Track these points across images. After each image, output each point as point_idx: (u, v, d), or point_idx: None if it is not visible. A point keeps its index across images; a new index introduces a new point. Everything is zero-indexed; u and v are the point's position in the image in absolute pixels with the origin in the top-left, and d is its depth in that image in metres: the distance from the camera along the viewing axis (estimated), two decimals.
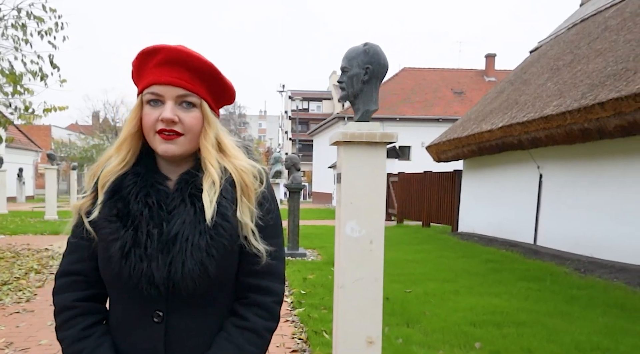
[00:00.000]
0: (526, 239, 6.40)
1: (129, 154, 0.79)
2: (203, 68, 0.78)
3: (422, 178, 10.40)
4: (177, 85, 0.76)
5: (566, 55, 6.40)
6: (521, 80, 7.17)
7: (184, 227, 0.75)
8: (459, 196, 8.61)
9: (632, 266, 4.48)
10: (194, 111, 0.78)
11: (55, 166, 12.17)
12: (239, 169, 0.82)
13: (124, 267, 0.73)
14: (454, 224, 8.83)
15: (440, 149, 8.34)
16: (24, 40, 6.14)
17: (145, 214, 0.75)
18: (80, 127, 30.58)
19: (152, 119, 0.77)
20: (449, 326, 3.18)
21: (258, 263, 0.80)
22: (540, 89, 6.09)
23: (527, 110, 5.81)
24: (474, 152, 7.33)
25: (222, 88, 0.82)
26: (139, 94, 0.79)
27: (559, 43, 7.28)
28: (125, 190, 0.77)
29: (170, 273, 0.73)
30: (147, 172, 0.79)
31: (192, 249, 0.74)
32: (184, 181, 0.79)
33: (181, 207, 0.77)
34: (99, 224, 0.77)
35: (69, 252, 0.83)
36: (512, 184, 6.78)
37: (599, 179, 5.11)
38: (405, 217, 11.35)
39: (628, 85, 4.17)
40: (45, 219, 11.48)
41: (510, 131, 5.97)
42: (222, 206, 0.77)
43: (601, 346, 2.74)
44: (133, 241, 0.74)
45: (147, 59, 0.78)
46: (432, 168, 10.37)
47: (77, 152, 25.55)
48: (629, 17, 5.64)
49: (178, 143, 0.77)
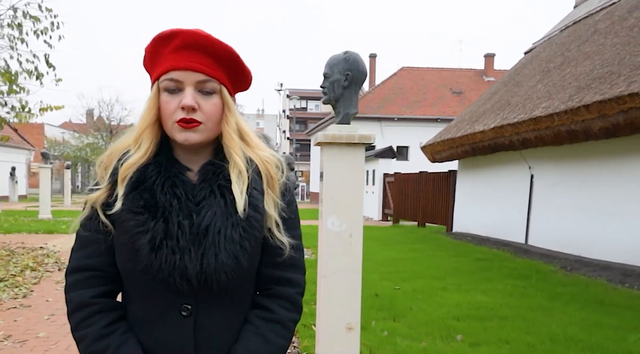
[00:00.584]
0: (518, 238, 6.61)
1: (151, 145, 0.77)
2: (223, 53, 0.76)
3: (417, 178, 10.61)
4: (196, 71, 0.74)
5: (557, 58, 6.61)
6: (514, 82, 7.38)
7: (215, 219, 0.74)
8: (453, 196, 8.81)
9: (616, 265, 4.69)
10: (213, 97, 0.76)
11: (49, 165, 12.31)
12: (264, 160, 0.81)
13: (155, 260, 0.71)
14: (448, 224, 9.03)
15: (435, 150, 8.54)
16: (19, 39, 6.31)
17: (174, 205, 0.73)
18: (74, 126, 30.63)
19: (171, 108, 0.74)
20: (433, 320, 3.38)
21: (281, 255, 0.80)
22: (531, 90, 6.30)
23: (518, 111, 6.01)
24: (467, 153, 7.54)
25: (241, 74, 0.80)
26: (154, 81, 0.77)
27: (551, 45, 7.49)
28: (150, 181, 0.75)
29: (203, 265, 0.72)
30: (169, 163, 0.78)
31: (226, 241, 0.73)
32: (210, 171, 0.78)
33: (210, 198, 0.75)
34: (122, 216, 0.74)
35: (80, 247, 0.79)
36: (504, 184, 6.98)
37: (586, 179, 5.32)
38: (401, 217, 11.55)
39: (611, 88, 4.37)
40: (39, 219, 11.61)
41: (502, 132, 6.17)
42: (254, 198, 0.77)
43: (574, 337, 2.94)
44: (164, 233, 0.72)
45: (163, 44, 0.76)
46: (430, 168, 10.58)
47: (71, 151, 25.59)
48: (617, 20, 5.85)
49: (198, 131, 0.75)
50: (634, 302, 3.68)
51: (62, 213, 13.30)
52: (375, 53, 25.64)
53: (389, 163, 12.85)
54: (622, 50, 4.89)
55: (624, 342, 2.86)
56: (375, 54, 25.60)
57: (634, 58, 4.51)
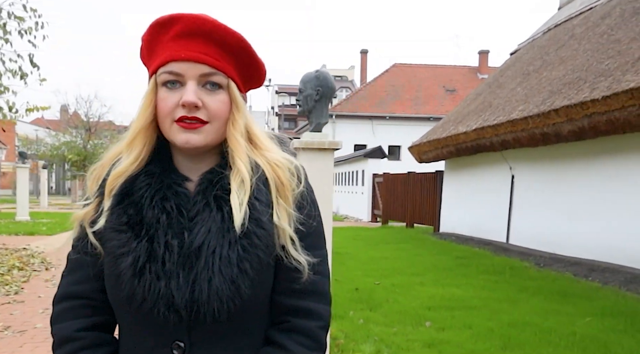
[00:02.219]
0: (499, 238, 7.15)
1: (144, 150, 0.70)
2: (231, 41, 0.69)
3: (406, 179, 11.13)
4: (200, 62, 0.67)
5: (536, 61, 7.17)
6: (497, 84, 7.94)
7: (209, 237, 0.66)
8: (440, 197, 9.35)
9: (585, 260, 5.23)
10: (220, 93, 0.69)
11: (27, 164, 12.53)
12: (273, 163, 0.73)
13: (137, 287, 0.64)
14: (435, 225, 9.56)
15: (421, 150, 9.06)
16: (4, 39, 6.65)
17: (162, 221, 0.67)
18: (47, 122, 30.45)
19: (170, 105, 0.67)
20: (406, 310, 3.86)
21: (299, 280, 0.71)
22: (511, 93, 6.85)
23: (497, 113, 6.55)
24: (452, 153, 8.07)
25: (253, 66, 0.73)
26: (152, 74, 0.70)
27: (533, 48, 8.07)
28: (138, 193, 0.69)
29: (194, 293, 0.64)
30: (163, 172, 0.71)
31: (221, 263, 0.65)
32: (207, 180, 0.70)
33: (205, 212, 0.68)
34: (105, 235, 0.68)
35: (69, 272, 0.74)
36: (487, 184, 7.53)
37: (559, 180, 5.87)
38: (390, 218, 12.06)
39: (577, 93, 4.91)
40: (17, 220, 11.83)
41: (483, 134, 6.71)
42: (256, 210, 0.68)
43: (530, 322, 3.44)
44: (148, 254, 0.65)
45: (161, 30, 0.69)
46: (419, 169, 11.10)
47: (47, 149, 25.51)
48: (591, 26, 6.43)
49: (202, 132, 0.68)
50: (592, 293, 4.21)
51: (39, 215, 13.53)
52: (367, 49, 26.22)
53: (378, 163, 13.35)
54: (591, 57, 5.45)
55: (572, 325, 3.37)
56: (367, 49, 26.17)
57: (599, 65, 5.06)
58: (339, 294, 4.27)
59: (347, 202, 15.60)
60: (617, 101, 4.29)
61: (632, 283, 4.31)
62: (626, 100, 4.19)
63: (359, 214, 14.28)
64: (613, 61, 4.85)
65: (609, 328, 3.30)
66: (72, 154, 24.29)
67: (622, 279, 4.44)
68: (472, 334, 3.24)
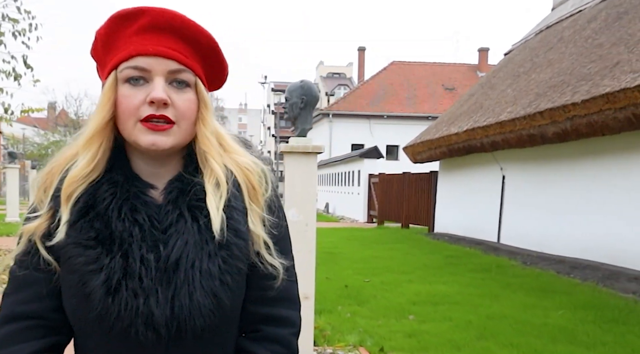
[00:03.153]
0: (491, 237, 7.50)
1: (99, 152, 0.67)
2: (201, 39, 0.68)
3: (401, 179, 11.48)
4: (168, 57, 0.65)
5: (527, 63, 7.53)
6: (489, 85, 8.30)
7: (187, 250, 0.65)
8: (435, 197, 9.69)
9: (569, 259, 5.58)
10: (187, 91, 0.68)
11: (17, 165, 12.79)
12: (244, 167, 0.73)
13: (112, 306, 0.63)
14: (430, 225, 9.91)
15: (415, 151, 9.41)
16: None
17: (135, 234, 0.65)
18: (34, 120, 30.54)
19: (135, 102, 0.65)
20: (392, 305, 4.19)
21: (272, 287, 0.72)
22: (501, 94, 7.20)
23: (487, 115, 6.90)
24: (444, 154, 8.42)
25: (218, 67, 0.72)
26: (111, 70, 0.67)
27: (525, 49, 8.43)
28: (102, 204, 0.66)
29: (174, 309, 0.64)
30: (126, 180, 0.69)
31: (202, 277, 0.65)
32: (177, 189, 0.69)
33: (180, 223, 0.67)
34: (68, 251, 0.65)
35: (15, 289, 0.69)
36: (479, 185, 7.88)
37: (546, 180, 6.22)
38: (385, 218, 12.41)
39: (560, 97, 5.26)
40: (7, 222, 12.10)
41: (474, 134, 7.06)
42: (233, 219, 0.68)
43: (508, 315, 3.78)
44: (123, 271, 0.64)
45: (123, 24, 0.67)
46: (419, 169, 11.43)
47: (35, 149, 25.69)
48: (578, 29, 6.79)
49: (169, 134, 0.66)
50: (571, 289, 4.56)
51: None
52: (364, 46, 26.52)
53: (374, 163, 13.70)
54: (575, 61, 5.80)
55: (546, 317, 3.71)
56: (364, 47, 26.48)
57: (582, 69, 5.41)
58: (329, 291, 4.60)
59: (343, 203, 15.94)
60: (595, 105, 4.64)
61: (609, 279, 4.65)
62: (603, 104, 4.54)
63: (355, 215, 14.61)
64: (594, 65, 5.20)
65: (579, 319, 3.64)
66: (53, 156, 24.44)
67: (600, 275, 4.79)
68: (451, 326, 3.57)
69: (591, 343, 3.14)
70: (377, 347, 3.12)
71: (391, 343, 3.23)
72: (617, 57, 4.90)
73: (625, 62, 4.66)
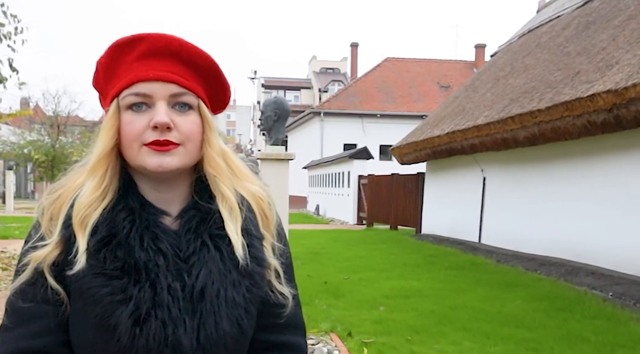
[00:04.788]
0: (473, 237, 8.17)
1: (106, 178, 0.71)
2: (200, 61, 0.73)
3: (390, 180, 12.13)
4: (169, 81, 0.70)
5: (507, 67, 8.21)
6: (473, 88, 8.97)
7: (212, 279, 0.69)
8: (422, 199, 10.35)
9: (539, 256, 6.25)
10: (190, 114, 0.72)
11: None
12: (257, 196, 0.78)
13: (140, 337, 0.65)
14: (417, 227, 10.57)
15: (402, 152, 10.07)
16: None
17: (161, 264, 0.68)
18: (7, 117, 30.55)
19: (138, 128, 0.69)
20: (367, 298, 4.82)
21: (281, 314, 0.77)
22: (481, 98, 7.87)
23: (467, 118, 7.57)
24: (429, 156, 9.08)
25: (220, 88, 0.77)
26: (113, 98, 0.71)
27: (507, 52, 9.12)
28: (122, 233, 0.69)
29: (200, 339, 0.67)
30: (142, 207, 0.71)
31: (227, 306, 0.69)
32: (195, 216, 0.73)
33: (202, 252, 0.71)
34: (87, 281, 0.66)
35: (19, 323, 0.69)
36: (461, 186, 8.54)
37: (521, 182, 6.89)
38: (375, 220, 13.05)
39: (529, 103, 5.93)
40: None
41: (454, 137, 7.72)
42: (254, 248, 0.73)
43: (469, 306, 4.42)
44: (152, 301, 0.66)
45: (123, 52, 0.71)
46: (412, 170, 12.04)
47: (11, 149, 25.89)
48: (554, 36, 7.47)
49: (176, 154, 0.69)
50: (533, 283, 5.22)
51: (7, 219, 14.25)
52: (357, 42, 27.19)
53: (364, 164, 14.32)
54: (546, 68, 6.48)
55: (503, 307, 4.36)
56: (357, 43, 27.12)
57: (549, 76, 6.08)
58: (310, 287, 5.21)
59: (333, 205, 16.55)
60: (556, 112, 5.30)
61: (570, 274, 5.32)
62: (563, 111, 5.20)
63: (344, 217, 15.23)
64: (560, 74, 5.87)
65: (531, 308, 4.29)
66: (39, 153, 24.80)
67: (563, 271, 5.45)
68: (415, 315, 4.20)
69: (534, 327, 3.78)
70: (345, 332, 3.73)
71: (359, 328, 3.84)
72: (579, 66, 5.57)
73: (584, 72, 5.33)
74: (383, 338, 3.60)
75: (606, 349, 3.26)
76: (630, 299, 4.32)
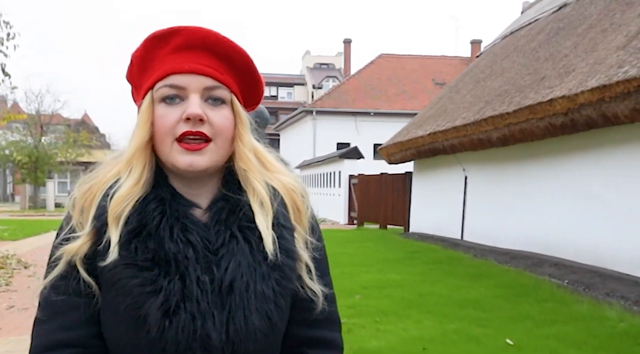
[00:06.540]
0: (455, 235, 8.88)
1: (145, 171, 0.75)
2: (235, 56, 0.77)
3: (379, 180, 12.84)
4: (204, 74, 0.74)
5: (487, 69, 8.93)
6: (456, 89, 9.69)
7: (240, 272, 0.72)
8: (410, 197, 11.06)
9: (513, 251, 6.97)
10: (223, 108, 0.75)
11: None
12: (289, 188, 0.82)
13: (169, 329, 0.69)
14: (406, 225, 11.27)
15: (389, 152, 10.77)
16: None
17: (190, 256, 0.72)
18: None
19: (172, 121, 0.72)
20: (345, 289, 5.50)
21: (314, 309, 0.80)
22: (462, 99, 8.59)
23: (447, 119, 8.28)
24: (415, 156, 9.79)
25: (254, 84, 0.81)
26: (147, 91, 0.75)
27: (490, 54, 9.85)
28: (152, 223, 0.72)
29: (229, 332, 0.71)
30: (173, 198, 0.75)
31: (256, 299, 0.72)
32: (224, 208, 0.77)
33: (232, 244, 0.74)
34: (118, 272, 0.71)
35: (52, 316, 0.74)
36: (445, 185, 9.26)
37: (500, 180, 7.61)
38: (365, 220, 13.76)
39: (500, 106, 6.64)
40: None
41: (436, 138, 8.42)
42: (284, 239, 0.77)
43: (437, 293, 5.12)
44: (182, 293, 0.70)
45: (159, 44, 0.75)
46: (398, 169, 12.73)
47: None
48: (529, 40, 8.19)
49: (206, 153, 0.73)
50: (500, 274, 5.93)
51: None
52: (350, 38, 27.77)
53: (354, 164, 15.03)
54: (518, 72, 7.19)
55: (467, 294, 5.06)
56: (350, 39, 27.72)
57: (520, 80, 6.80)
58: None
59: (325, 205, 17.24)
60: (522, 115, 6.01)
61: (536, 265, 6.03)
62: (528, 114, 5.91)
63: (336, 217, 15.93)
64: (529, 78, 6.59)
65: (492, 294, 4.99)
66: (21, 155, 25.22)
67: (530, 263, 6.17)
68: (387, 301, 4.90)
69: (490, 309, 4.49)
70: None
71: None
72: (545, 72, 6.29)
73: (548, 77, 6.05)
74: (354, 319, 4.28)
75: (545, 325, 3.96)
76: (581, 285, 5.03)
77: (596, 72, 4.93)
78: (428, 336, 3.77)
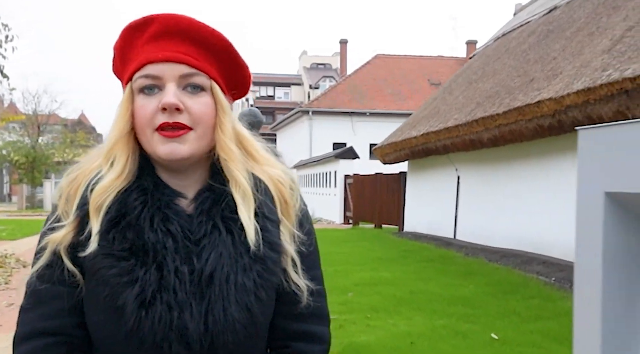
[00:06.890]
0: (448, 234, 9.02)
1: (128, 162, 0.74)
2: (212, 40, 0.75)
3: (374, 180, 12.98)
4: (179, 62, 0.72)
5: (479, 70, 9.08)
6: (449, 90, 9.83)
7: (221, 263, 0.72)
8: (404, 197, 11.20)
9: (504, 250, 7.11)
10: (202, 95, 0.74)
11: None
12: (276, 180, 0.80)
13: (144, 320, 0.69)
14: (400, 225, 11.42)
15: (384, 152, 10.91)
16: None
17: (169, 246, 0.71)
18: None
19: (149, 111, 0.72)
20: (338, 286, 5.63)
21: (299, 302, 0.80)
22: (455, 100, 8.73)
23: (440, 120, 8.42)
24: (408, 156, 9.93)
25: (236, 68, 0.79)
26: (127, 82, 0.75)
27: (482, 56, 9.99)
28: (132, 213, 0.72)
29: (208, 324, 0.70)
30: (156, 188, 0.75)
31: (236, 291, 0.72)
32: (209, 199, 0.76)
33: (213, 235, 0.73)
34: (97, 262, 0.71)
35: (36, 304, 0.75)
36: (438, 185, 9.40)
37: (491, 180, 7.75)
38: (360, 219, 13.90)
39: (491, 107, 6.78)
40: None
41: (429, 138, 8.56)
42: (268, 231, 0.76)
43: (427, 291, 5.25)
44: (158, 283, 0.70)
45: (135, 34, 0.75)
46: (392, 169, 12.85)
47: None
48: (520, 42, 8.34)
49: (187, 140, 0.72)
50: (490, 272, 6.07)
51: None
52: (346, 39, 27.94)
53: (350, 164, 15.17)
54: (509, 74, 7.34)
55: (456, 291, 5.19)
56: (347, 39, 27.90)
57: (510, 82, 6.94)
58: None
59: (320, 205, 17.38)
60: (512, 116, 6.15)
61: (525, 263, 6.18)
62: (517, 115, 6.05)
63: (332, 217, 16.07)
64: (519, 80, 6.73)
65: (481, 292, 5.13)
66: (18, 155, 25.27)
67: (519, 261, 6.32)
68: (379, 298, 5.03)
69: (478, 305, 4.62)
70: None
71: None
72: (534, 74, 6.43)
73: (537, 79, 6.19)
74: (346, 315, 4.41)
75: (530, 320, 4.10)
76: (568, 283, 5.17)
77: (582, 75, 5.07)
78: (417, 331, 3.90)
